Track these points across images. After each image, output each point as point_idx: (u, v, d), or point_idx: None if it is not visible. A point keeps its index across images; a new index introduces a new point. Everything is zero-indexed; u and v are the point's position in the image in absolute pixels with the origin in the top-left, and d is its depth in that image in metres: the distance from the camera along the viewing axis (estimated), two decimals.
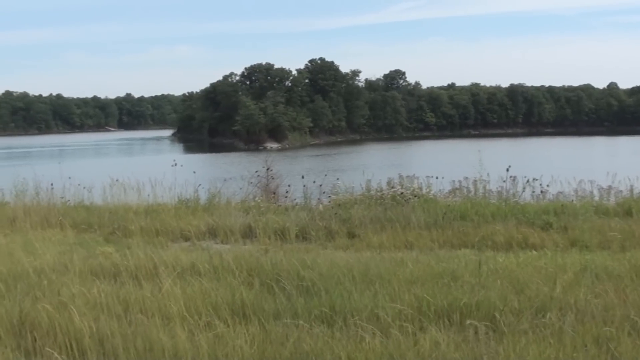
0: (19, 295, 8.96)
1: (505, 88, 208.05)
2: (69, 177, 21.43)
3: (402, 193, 18.65)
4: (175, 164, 20.46)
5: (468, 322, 7.61)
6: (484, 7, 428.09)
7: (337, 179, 21.57)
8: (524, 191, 18.80)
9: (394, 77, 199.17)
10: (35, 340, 7.59)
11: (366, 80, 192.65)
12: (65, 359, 7.06)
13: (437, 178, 20.84)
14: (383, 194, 18.76)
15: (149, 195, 19.64)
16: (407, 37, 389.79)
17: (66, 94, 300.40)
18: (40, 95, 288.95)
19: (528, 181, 19.24)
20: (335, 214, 15.96)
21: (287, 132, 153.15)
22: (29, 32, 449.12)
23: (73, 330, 7.50)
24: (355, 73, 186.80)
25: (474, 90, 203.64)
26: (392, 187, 19.65)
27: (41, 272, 10.23)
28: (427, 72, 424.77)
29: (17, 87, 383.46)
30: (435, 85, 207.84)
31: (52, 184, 20.76)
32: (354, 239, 14.46)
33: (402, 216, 15.56)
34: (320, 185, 19.64)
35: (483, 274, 9.61)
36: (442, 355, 6.97)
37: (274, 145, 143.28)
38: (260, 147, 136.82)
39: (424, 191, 19.55)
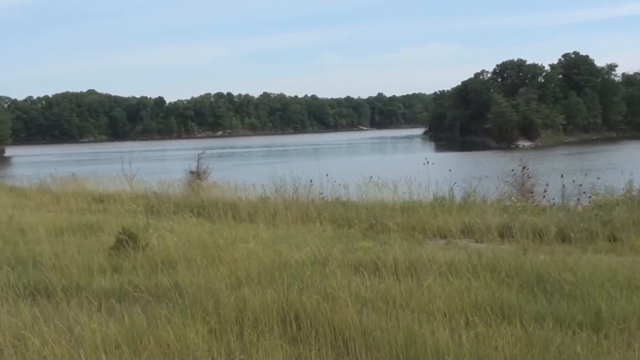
0: (284, 286, 9.35)
1: None
2: (326, 174, 22.20)
3: None
4: (427, 162, 20.65)
5: None
6: None
7: (598, 178, 20.71)
8: None
9: None
10: (300, 329, 7.88)
11: (623, 74, 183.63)
12: (329, 349, 7.28)
13: None
14: None
15: (404, 192, 19.92)
16: None
17: (320, 94, 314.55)
18: (296, 97, 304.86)
19: None
20: (596, 215, 15.37)
21: (540, 130, 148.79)
22: (286, 36, 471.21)
23: (337, 321, 7.75)
24: (612, 67, 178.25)
25: None
26: None
27: (303, 264, 10.66)
28: None
29: (274, 89, 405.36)
30: None
31: (311, 181, 21.62)
32: (616, 243, 13.84)
33: None
34: (580, 185, 19.03)
35: None
36: None
37: (526, 143, 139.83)
38: (512, 146, 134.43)
39: None
